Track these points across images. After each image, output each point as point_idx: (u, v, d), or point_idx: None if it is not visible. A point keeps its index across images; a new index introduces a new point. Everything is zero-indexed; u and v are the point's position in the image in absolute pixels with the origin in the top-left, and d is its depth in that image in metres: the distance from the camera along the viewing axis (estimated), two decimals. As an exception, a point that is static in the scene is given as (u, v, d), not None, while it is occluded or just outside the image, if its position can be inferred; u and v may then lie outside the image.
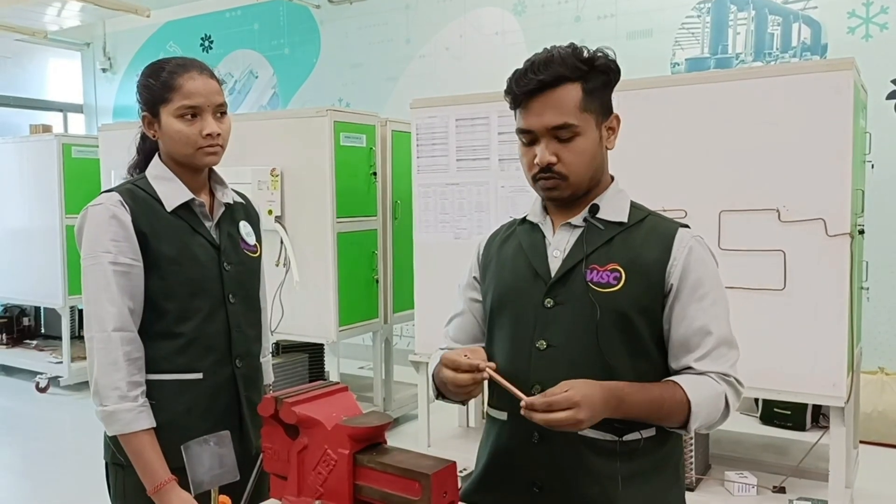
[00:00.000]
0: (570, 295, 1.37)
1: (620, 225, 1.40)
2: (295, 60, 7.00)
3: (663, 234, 1.38)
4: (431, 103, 3.49)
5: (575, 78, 1.34)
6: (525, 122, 1.37)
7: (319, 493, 1.36)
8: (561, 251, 1.41)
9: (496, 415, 1.48)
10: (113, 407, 1.51)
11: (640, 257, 1.36)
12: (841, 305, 2.69)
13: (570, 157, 1.35)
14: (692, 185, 2.91)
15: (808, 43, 4.62)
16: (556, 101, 1.33)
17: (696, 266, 1.36)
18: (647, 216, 1.43)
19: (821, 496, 2.90)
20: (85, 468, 4.12)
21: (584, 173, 1.37)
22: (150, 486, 1.52)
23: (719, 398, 1.34)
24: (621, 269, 1.36)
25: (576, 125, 1.34)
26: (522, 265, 1.44)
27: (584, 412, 1.20)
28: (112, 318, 1.52)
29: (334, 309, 3.89)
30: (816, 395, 2.76)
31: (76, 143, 5.58)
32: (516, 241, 1.49)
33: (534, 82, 1.33)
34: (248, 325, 1.70)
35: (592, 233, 1.39)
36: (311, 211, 3.91)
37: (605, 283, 1.35)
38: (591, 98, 1.36)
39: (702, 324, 1.35)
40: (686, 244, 1.37)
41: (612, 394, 1.26)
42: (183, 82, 1.55)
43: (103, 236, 1.53)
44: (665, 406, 1.31)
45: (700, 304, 1.35)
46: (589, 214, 1.41)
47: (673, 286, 1.36)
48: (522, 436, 1.40)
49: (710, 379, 1.35)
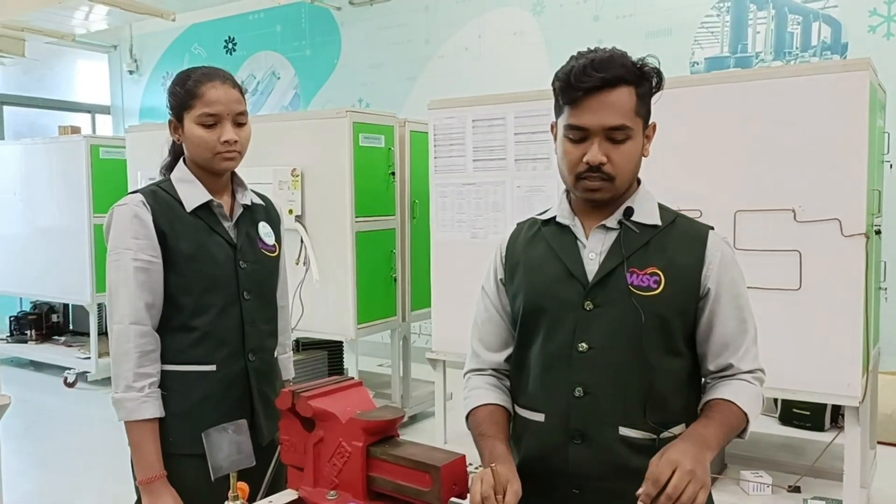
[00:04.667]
0: (610, 298, 1.37)
1: (654, 227, 1.41)
2: (316, 61, 7.08)
3: (696, 238, 1.40)
4: (449, 104, 3.53)
5: (631, 81, 1.33)
6: (579, 120, 1.33)
7: (334, 484, 1.41)
8: (597, 253, 1.40)
9: (530, 416, 1.47)
10: (120, 395, 1.59)
11: (677, 261, 1.38)
12: (856, 305, 2.69)
13: (619, 160, 1.34)
14: (708, 185, 2.92)
15: (829, 42, 4.60)
16: (614, 101, 1.31)
17: (730, 268, 1.40)
18: (676, 217, 1.44)
19: (836, 496, 2.90)
20: (111, 461, 4.22)
21: (628, 177, 1.38)
22: (141, 477, 1.60)
23: (759, 398, 1.40)
24: (660, 272, 1.37)
25: (630, 128, 1.33)
26: (555, 267, 1.42)
27: (699, 471, 1.18)
28: (129, 312, 1.60)
29: (353, 307, 3.95)
30: (831, 395, 2.77)
31: (104, 143, 5.71)
32: (544, 243, 1.47)
33: (596, 79, 1.30)
34: (263, 321, 1.76)
35: (629, 235, 1.39)
36: (330, 210, 3.98)
37: (646, 287, 1.36)
38: (642, 103, 1.36)
39: (739, 323, 1.39)
40: (718, 247, 1.40)
41: (698, 442, 1.25)
42: (205, 91, 1.62)
43: (126, 234, 1.61)
44: (733, 427, 1.35)
45: (736, 304, 1.39)
46: (624, 217, 1.40)
47: (710, 290, 1.38)
48: (562, 437, 1.40)
49: (747, 383, 1.39)
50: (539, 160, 3.26)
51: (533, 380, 1.46)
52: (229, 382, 1.68)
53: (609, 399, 1.38)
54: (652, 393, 1.37)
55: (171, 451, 1.61)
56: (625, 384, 1.37)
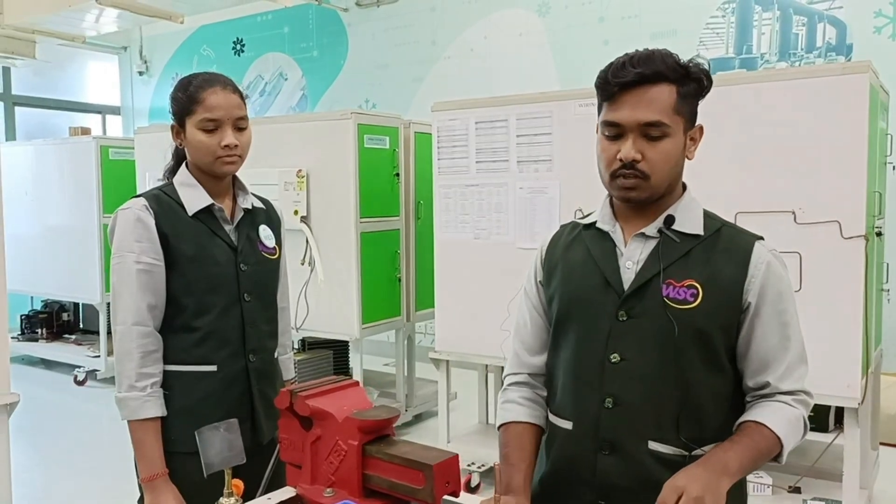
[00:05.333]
0: (645, 309, 1.34)
1: (696, 238, 1.36)
2: (323, 63, 7.13)
3: (740, 249, 1.35)
4: (452, 106, 3.56)
5: (672, 79, 1.31)
6: (615, 115, 1.31)
7: (331, 482, 1.44)
8: (634, 262, 1.37)
9: (559, 423, 1.45)
10: (122, 394, 1.63)
11: (717, 273, 1.33)
12: (856, 307, 2.70)
13: (655, 157, 1.31)
14: (708, 187, 2.89)
15: (833, 43, 4.60)
16: (651, 97, 1.29)
17: (775, 282, 1.33)
18: (722, 227, 1.39)
19: (836, 497, 2.91)
20: (120, 458, 4.27)
21: (665, 177, 1.34)
22: (144, 474, 1.63)
23: (799, 422, 1.34)
24: (698, 285, 1.32)
25: (667, 125, 1.31)
26: (592, 274, 1.40)
27: (708, 498, 1.16)
28: (132, 313, 1.64)
29: (357, 307, 3.98)
30: (831, 397, 2.78)
31: (113, 144, 5.78)
32: (583, 248, 1.44)
33: (632, 74, 1.29)
34: (264, 322, 1.79)
35: (668, 245, 1.35)
36: (335, 211, 4.01)
37: (682, 300, 1.32)
38: (683, 102, 1.33)
39: (781, 340, 1.34)
40: (764, 260, 1.34)
41: (713, 466, 1.22)
42: (206, 96, 1.66)
43: (129, 237, 1.65)
44: (762, 452, 1.30)
45: (779, 319, 1.34)
46: (664, 225, 1.36)
47: (751, 304, 1.33)
48: (590, 446, 1.38)
49: (786, 406, 1.33)
50: (541, 162, 3.28)
51: (563, 387, 1.45)
52: (230, 382, 1.72)
53: (639, 412, 1.35)
54: (686, 408, 1.34)
55: (172, 450, 1.65)
56: (657, 398, 1.34)
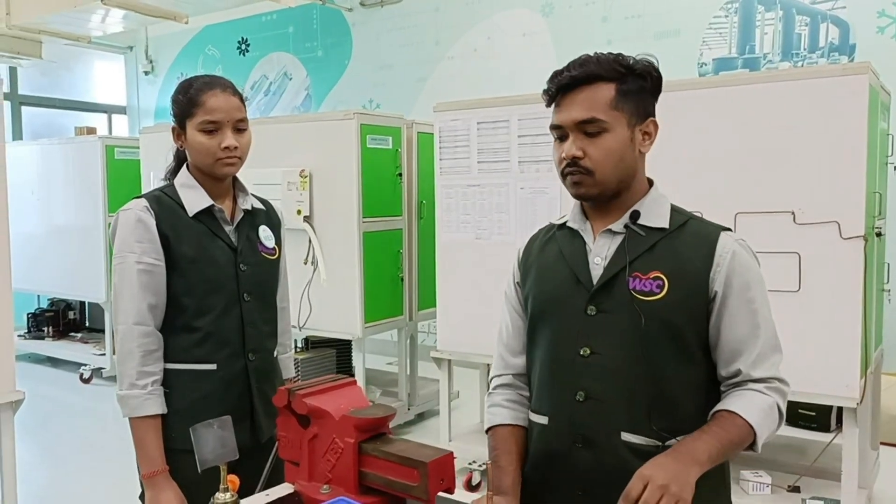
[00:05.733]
0: (613, 303, 1.38)
1: (662, 231, 1.40)
2: (327, 62, 7.15)
3: (706, 240, 1.38)
4: (454, 106, 3.58)
5: (609, 78, 1.36)
6: (556, 118, 1.39)
7: (328, 479, 1.46)
8: (602, 258, 1.41)
9: (536, 418, 1.49)
10: (124, 392, 1.66)
11: (683, 264, 1.36)
12: (855, 307, 2.71)
13: (596, 153, 1.35)
14: (708, 187, 2.94)
15: (836, 43, 4.60)
16: (585, 96, 1.35)
17: (741, 271, 1.36)
18: (689, 220, 1.42)
19: (835, 496, 2.92)
20: (125, 456, 4.30)
21: (610, 171, 1.37)
22: (144, 470, 1.66)
23: (773, 410, 1.35)
24: (664, 276, 1.36)
25: (603, 121, 1.35)
26: (564, 272, 1.44)
27: (674, 487, 1.17)
28: (133, 313, 1.66)
29: (360, 306, 4.01)
30: (830, 396, 2.79)
31: (119, 144, 5.81)
32: (556, 247, 1.49)
33: (567, 78, 1.37)
34: (263, 321, 1.82)
35: (634, 239, 1.39)
36: (338, 211, 4.04)
37: (648, 292, 1.36)
38: (624, 98, 1.36)
39: (750, 328, 1.36)
40: (729, 249, 1.36)
41: (682, 456, 1.23)
42: (206, 99, 1.68)
43: (130, 238, 1.67)
44: (734, 441, 1.30)
45: (748, 308, 1.36)
46: (630, 221, 1.40)
47: (718, 293, 1.35)
48: (565, 440, 1.41)
49: (759, 394, 1.34)
50: (542, 162, 3.30)
51: (539, 382, 1.48)
52: (230, 381, 1.74)
53: (611, 404, 1.37)
54: (659, 399, 1.36)
55: (172, 447, 1.67)
56: (628, 390, 1.36)
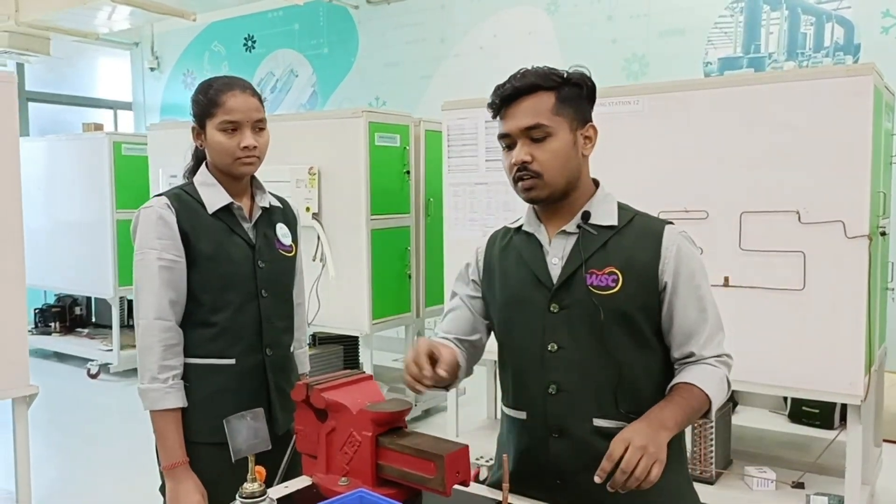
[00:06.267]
0: (573, 299, 1.47)
1: (612, 228, 1.49)
2: (333, 60, 7.18)
3: (652, 235, 1.49)
4: (462, 105, 3.61)
5: (548, 87, 1.46)
6: (503, 127, 1.48)
7: (345, 471, 1.50)
8: (559, 258, 1.50)
9: (514, 414, 1.57)
10: (145, 386, 1.70)
11: (634, 258, 1.46)
12: (859, 306, 2.74)
13: (543, 157, 1.44)
14: (714, 187, 2.97)
15: (841, 43, 4.62)
16: (528, 105, 1.45)
17: (687, 261, 1.47)
18: (634, 216, 1.52)
19: (838, 492, 2.95)
20: (132, 450, 4.35)
21: (558, 173, 1.45)
22: (165, 462, 1.70)
23: (723, 381, 1.48)
24: (618, 271, 1.46)
25: (548, 126, 1.44)
26: (525, 275, 1.53)
27: (651, 447, 1.25)
28: (154, 308, 1.70)
29: (368, 303, 4.04)
30: (834, 394, 2.82)
31: (126, 140, 5.85)
32: (515, 252, 1.57)
33: (510, 89, 1.46)
34: (280, 317, 1.85)
35: (587, 238, 1.48)
36: (346, 208, 4.07)
37: (605, 286, 1.45)
38: (564, 105, 1.46)
39: (699, 313, 1.48)
40: (674, 242, 1.48)
41: (652, 422, 1.33)
42: (226, 99, 1.71)
43: (151, 234, 1.71)
44: (694, 408, 1.42)
45: (695, 294, 1.47)
46: (581, 221, 1.49)
47: (668, 283, 1.46)
48: (541, 433, 1.50)
49: (710, 367, 1.47)
50: (549, 161, 3.32)
51: (513, 380, 1.57)
52: (247, 375, 1.77)
53: (581, 394, 1.47)
54: (622, 384, 1.46)
55: (191, 440, 1.70)
56: (594, 379, 1.46)
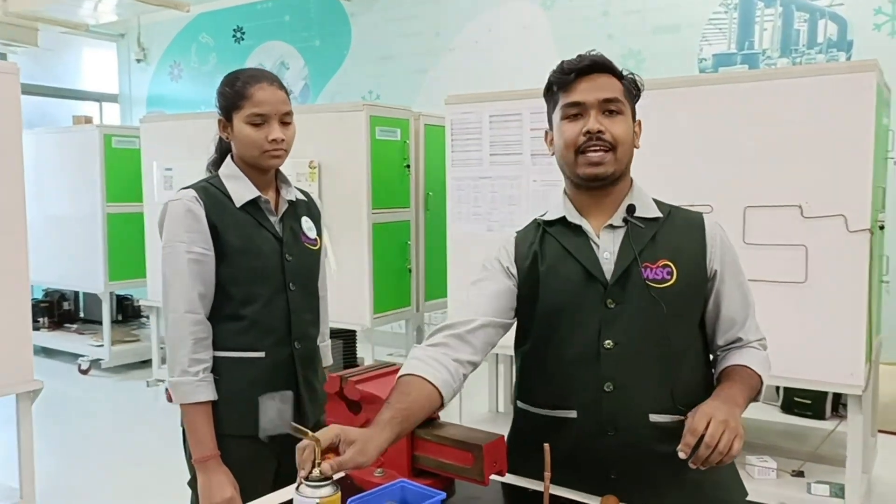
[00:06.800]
0: (629, 294, 1.44)
1: (657, 221, 1.48)
2: (325, 52, 7.14)
3: (696, 225, 1.50)
4: (466, 99, 3.61)
5: (616, 74, 1.47)
6: (576, 97, 1.43)
7: (380, 463, 1.50)
8: (611, 252, 1.46)
9: (560, 413, 1.50)
10: (176, 379, 1.69)
11: (683, 250, 1.47)
12: (859, 298, 2.79)
13: (617, 130, 1.42)
14: (718, 182, 3.01)
15: (835, 39, 4.68)
16: (605, 81, 1.44)
17: (728, 248, 1.51)
18: (671, 209, 1.53)
19: (838, 480, 3.02)
20: (124, 446, 4.34)
21: (626, 151, 1.45)
22: (196, 455, 1.70)
23: (767, 361, 1.52)
24: (671, 263, 1.45)
25: (623, 102, 1.45)
26: (574, 270, 1.47)
27: (732, 421, 1.26)
28: (184, 301, 1.69)
29: (370, 297, 4.04)
30: (835, 384, 2.87)
31: (116, 133, 5.78)
32: (556, 245, 1.50)
33: (588, 60, 1.44)
34: (307, 310, 1.86)
35: (636, 232, 1.46)
36: (347, 202, 4.06)
37: (661, 279, 1.44)
38: (627, 93, 1.48)
39: (742, 298, 1.51)
40: (716, 231, 1.50)
41: (726, 399, 1.34)
42: (254, 92, 1.71)
43: (179, 228, 1.70)
44: (753, 388, 1.45)
45: (737, 281, 1.51)
46: (627, 214, 1.47)
47: (717, 271, 1.48)
48: (596, 430, 1.46)
49: (756, 349, 1.51)
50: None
51: (559, 378, 1.51)
52: (277, 368, 1.78)
53: (637, 390, 1.44)
54: (678, 377, 1.46)
55: (222, 432, 1.70)
56: (651, 374, 1.45)
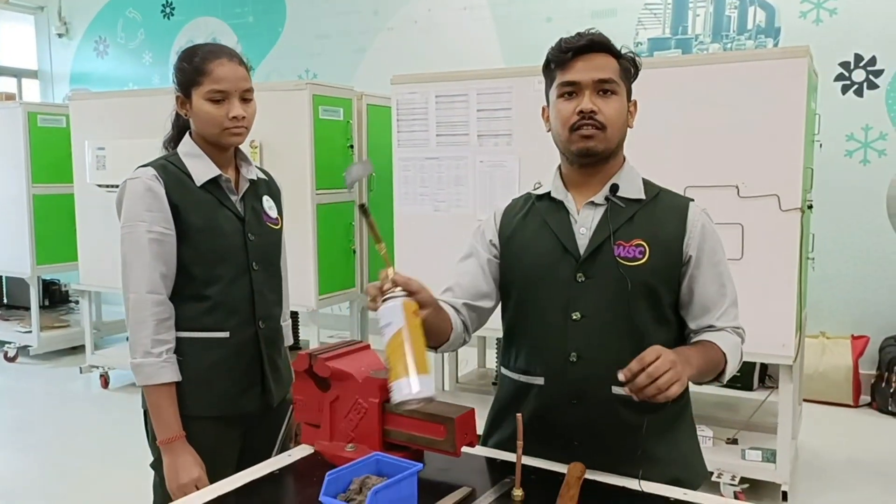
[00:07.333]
0: (599, 270, 1.49)
1: (639, 202, 1.53)
2: (259, 29, 6.97)
3: (678, 210, 1.53)
4: (412, 79, 3.61)
5: (613, 53, 1.50)
6: (571, 76, 1.47)
7: (351, 438, 1.53)
8: (587, 228, 1.52)
9: (530, 379, 1.57)
10: (138, 360, 1.66)
11: (660, 232, 1.50)
12: (791, 274, 2.95)
13: (609, 111, 1.47)
14: (659, 163, 3.05)
15: (763, 26, 4.88)
16: (602, 61, 1.48)
17: (709, 237, 1.53)
18: (659, 192, 1.56)
19: (769, 446, 3.20)
20: (58, 435, 4.20)
21: (617, 131, 1.49)
22: (161, 437, 1.68)
23: (738, 347, 1.54)
24: (645, 243, 1.49)
25: (617, 83, 1.48)
26: (550, 243, 1.54)
27: (680, 365, 1.29)
28: (145, 282, 1.66)
29: (315, 279, 4.02)
30: (769, 355, 3.03)
31: (42, 111, 5.52)
32: (539, 218, 1.58)
33: (585, 39, 1.47)
34: (270, 290, 1.84)
35: (615, 211, 1.51)
36: (290, 183, 3.98)
37: (632, 258, 1.48)
38: (623, 74, 1.51)
39: (718, 288, 1.52)
40: (699, 219, 1.53)
41: (682, 354, 1.37)
42: (213, 68, 1.67)
43: (139, 206, 1.66)
44: (712, 362, 1.47)
45: (715, 269, 1.52)
46: (610, 193, 1.52)
47: (692, 257, 1.51)
48: (561, 398, 1.52)
49: (728, 333, 1.53)
50: (501, 136, 3.39)
51: (531, 347, 1.58)
52: (241, 348, 1.76)
53: (601, 362, 1.48)
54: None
55: (186, 413, 1.68)
56: (615, 347, 1.48)
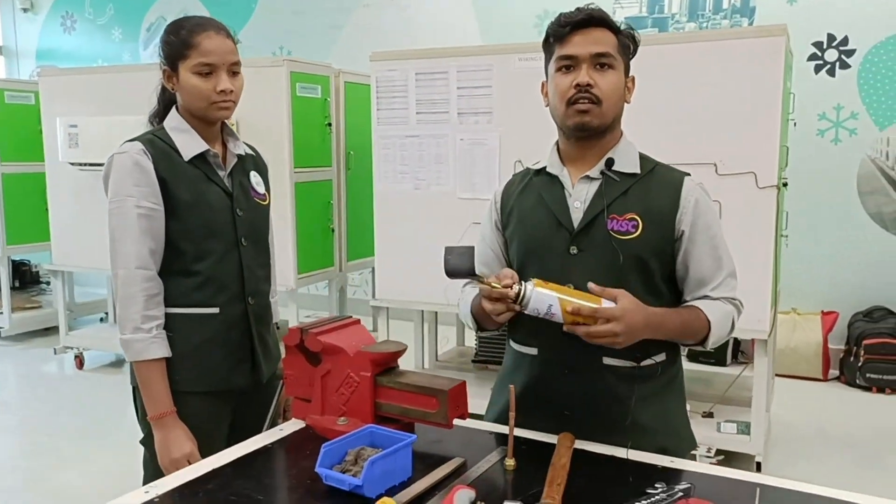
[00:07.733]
0: (592, 242, 1.52)
1: (634, 176, 1.54)
2: (232, 5, 6.84)
3: (672, 185, 1.54)
4: (391, 56, 3.58)
5: (612, 28, 1.52)
6: (569, 50, 1.49)
7: (342, 411, 1.54)
8: (581, 202, 1.55)
9: (525, 350, 1.61)
10: (128, 336, 1.65)
11: (654, 206, 1.52)
12: (767, 250, 3.01)
13: (605, 85, 1.48)
14: (637, 141, 3.12)
15: (738, 6, 4.91)
16: (599, 35, 1.50)
17: (704, 212, 1.53)
18: (655, 166, 1.58)
19: (744, 419, 3.27)
20: (33, 415, 4.15)
21: (613, 105, 1.52)
22: (152, 413, 1.67)
23: (728, 317, 1.55)
24: (638, 217, 1.51)
25: (614, 57, 1.50)
26: (545, 216, 1.57)
27: (623, 339, 1.35)
28: (134, 257, 1.64)
29: (294, 257, 4.00)
30: (745, 330, 3.09)
31: (9, 88, 5.39)
32: (535, 193, 1.61)
33: (583, 14, 1.49)
34: (259, 266, 1.84)
35: (610, 185, 1.53)
36: (268, 161, 3.89)
37: (625, 231, 1.51)
38: (622, 49, 1.53)
39: (714, 261, 1.54)
40: (693, 194, 1.53)
41: (653, 317, 1.42)
42: (201, 41, 1.65)
43: (127, 181, 1.64)
44: (691, 326, 1.49)
45: (710, 244, 1.53)
46: (605, 167, 1.54)
47: (684, 232, 1.52)
48: (554, 369, 1.55)
49: (720, 302, 1.54)
50: (481, 114, 3.39)
51: (527, 318, 1.56)
52: (231, 324, 1.75)
53: None
54: None
55: (176, 389, 1.68)
56: None
